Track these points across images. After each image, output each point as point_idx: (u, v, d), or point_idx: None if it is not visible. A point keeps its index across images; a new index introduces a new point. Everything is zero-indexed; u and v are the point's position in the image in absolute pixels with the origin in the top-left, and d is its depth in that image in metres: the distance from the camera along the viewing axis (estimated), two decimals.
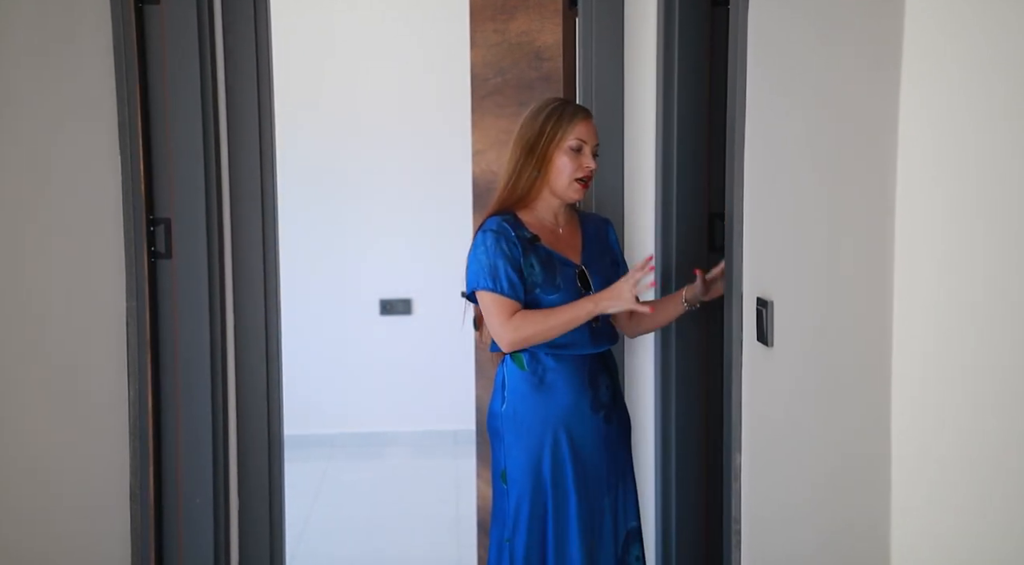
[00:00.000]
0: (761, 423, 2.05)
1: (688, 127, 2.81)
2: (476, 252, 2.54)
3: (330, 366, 5.72)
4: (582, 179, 2.57)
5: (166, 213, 2.78)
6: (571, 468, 2.58)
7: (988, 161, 1.35)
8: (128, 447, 2.21)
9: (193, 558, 2.86)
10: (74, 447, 2.10)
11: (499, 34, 3.45)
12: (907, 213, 1.36)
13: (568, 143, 2.55)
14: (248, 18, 2.91)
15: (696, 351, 2.86)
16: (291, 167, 5.35)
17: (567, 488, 2.58)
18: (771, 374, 1.97)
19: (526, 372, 2.59)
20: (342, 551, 4.22)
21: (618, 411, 2.70)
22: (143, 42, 2.72)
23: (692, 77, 2.80)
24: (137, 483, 2.19)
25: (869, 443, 1.47)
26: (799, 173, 1.78)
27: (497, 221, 2.55)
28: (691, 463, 2.89)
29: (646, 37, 2.93)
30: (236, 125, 2.92)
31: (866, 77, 1.46)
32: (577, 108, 2.60)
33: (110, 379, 2.21)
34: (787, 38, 1.85)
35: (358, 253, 5.66)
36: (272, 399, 3.02)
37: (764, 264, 2.01)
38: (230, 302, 2.94)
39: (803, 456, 1.80)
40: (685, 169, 2.82)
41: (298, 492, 4.87)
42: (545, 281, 2.53)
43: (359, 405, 5.75)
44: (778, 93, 1.90)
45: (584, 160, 2.56)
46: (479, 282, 2.53)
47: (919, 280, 1.38)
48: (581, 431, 2.60)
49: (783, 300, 1.89)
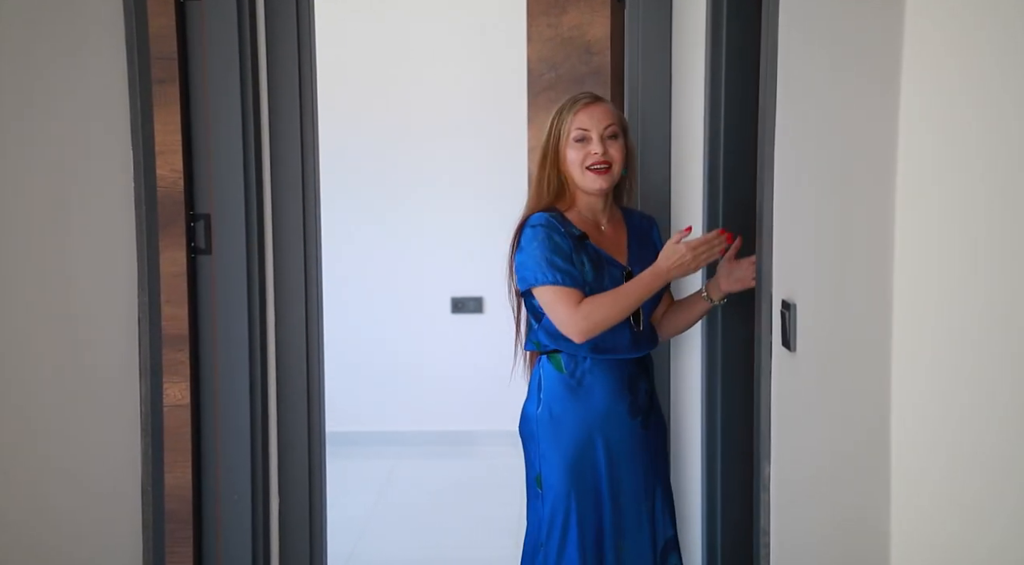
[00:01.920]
0: (787, 432, 1.95)
1: (737, 122, 2.71)
2: (528, 248, 2.46)
3: (401, 364, 5.71)
4: (593, 166, 2.48)
5: (206, 209, 2.79)
6: (607, 474, 2.50)
7: (991, 165, 1.26)
8: (139, 443, 2.21)
9: (232, 555, 2.86)
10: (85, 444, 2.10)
11: (552, 28, 3.39)
12: (909, 216, 1.29)
13: (571, 135, 2.49)
14: (291, 13, 2.90)
15: (743, 355, 2.76)
16: (360, 166, 5.38)
17: (603, 494, 2.50)
18: (794, 380, 1.87)
19: (563, 374, 2.51)
20: (401, 551, 4.20)
21: (655, 416, 2.61)
22: (184, 38, 2.74)
23: (741, 70, 2.70)
24: (148, 480, 2.19)
25: (877, 457, 1.38)
26: (817, 172, 1.70)
27: (544, 216, 2.48)
28: (737, 471, 2.79)
29: (695, 28, 2.84)
30: (278, 121, 2.91)
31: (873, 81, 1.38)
32: (580, 96, 2.53)
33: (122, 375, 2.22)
34: (811, 29, 1.76)
35: (428, 251, 5.64)
36: (313, 396, 3.01)
37: (790, 265, 1.91)
38: (271, 299, 2.93)
39: (822, 468, 1.70)
40: (732, 165, 2.73)
41: (362, 490, 4.88)
42: (594, 280, 2.46)
43: (429, 403, 5.73)
44: (802, 89, 1.81)
45: (590, 147, 2.48)
46: (536, 277, 2.44)
47: (926, 283, 1.30)
48: (618, 436, 2.51)
49: (805, 303, 1.79)
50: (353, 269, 5.54)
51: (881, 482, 1.36)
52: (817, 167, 1.69)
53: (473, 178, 5.51)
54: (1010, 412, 1.30)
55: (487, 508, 4.64)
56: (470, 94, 5.42)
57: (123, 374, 2.17)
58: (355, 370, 5.56)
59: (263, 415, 2.91)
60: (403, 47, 5.45)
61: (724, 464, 2.80)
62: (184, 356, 2.77)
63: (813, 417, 1.74)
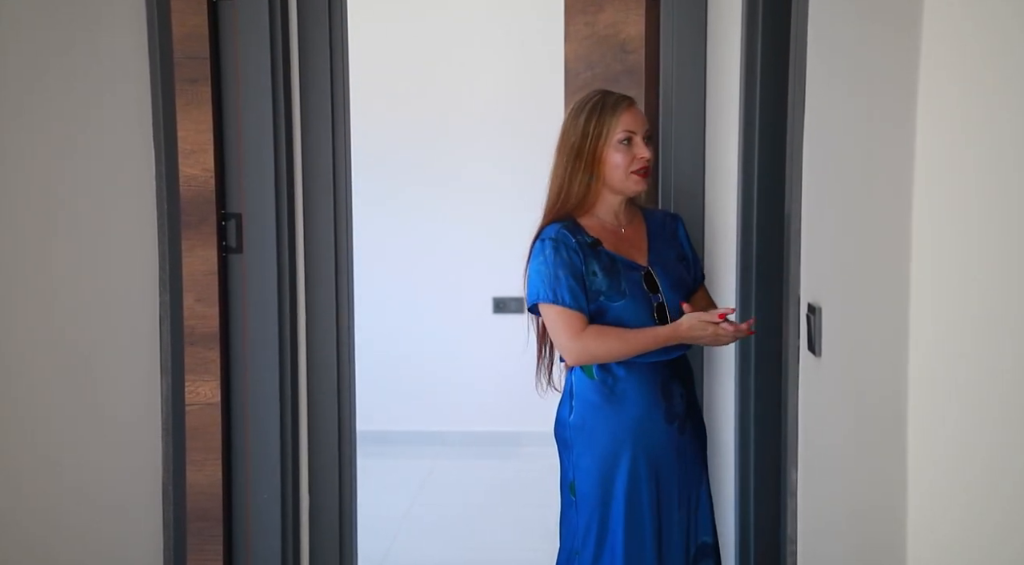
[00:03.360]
0: (814, 438, 1.90)
1: (772, 123, 2.66)
2: (535, 263, 2.44)
3: (442, 363, 5.71)
4: (639, 170, 2.44)
5: (237, 208, 2.80)
6: (645, 483, 2.44)
7: (1007, 170, 1.23)
8: (160, 443, 2.22)
9: (261, 553, 2.87)
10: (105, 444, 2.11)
11: (589, 27, 3.36)
12: (927, 217, 1.26)
13: (616, 137, 2.42)
14: (323, 13, 2.90)
15: (776, 359, 2.70)
16: (401, 167, 5.38)
17: (641, 504, 2.45)
18: (819, 385, 1.83)
19: (595, 381, 2.47)
20: (437, 551, 4.19)
21: (692, 421, 2.55)
22: (216, 38, 2.75)
23: (777, 69, 2.64)
24: (169, 479, 2.19)
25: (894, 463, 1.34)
26: (841, 177, 1.66)
27: (556, 228, 2.44)
28: (771, 476, 2.73)
29: (730, 26, 2.80)
30: (310, 121, 2.92)
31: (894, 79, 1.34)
32: (618, 98, 2.46)
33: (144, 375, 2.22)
34: (838, 25, 1.72)
35: (470, 251, 5.63)
36: (344, 396, 3.01)
37: (817, 269, 1.87)
38: (302, 297, 2.94)
39: (845, 474, 1.66)
40: (767, 166, 2.67)
41: (400, 489, 4.88)
42: (609, 288, 2.41)
43: (470, 404, 5.73)
44: (829, 89, 1.77)
45: (637, 150, 2.43)
46: (540, 294, 2.42)
47: (943, 287, 1.26)
48: (654, 443, 2.46)
49: (830, 307, 1.75)
50: (396, 269, 5.55)
51: (898, 489, 1.32)
52: (841, 173, 1.65)
53: (513, 177, 5.48)
54: None
55: (525, 510, 4.61)
56: (508, 93, 5.40)
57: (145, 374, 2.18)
58: (397, 369, 5.56)
59: (293, 414, 2.91)
60: (440, 46, 5.44)
61: (757, 470, 2.75)
62: (215, 355, 2.78)
63: (837, 422, 1.70)
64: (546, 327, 2.48)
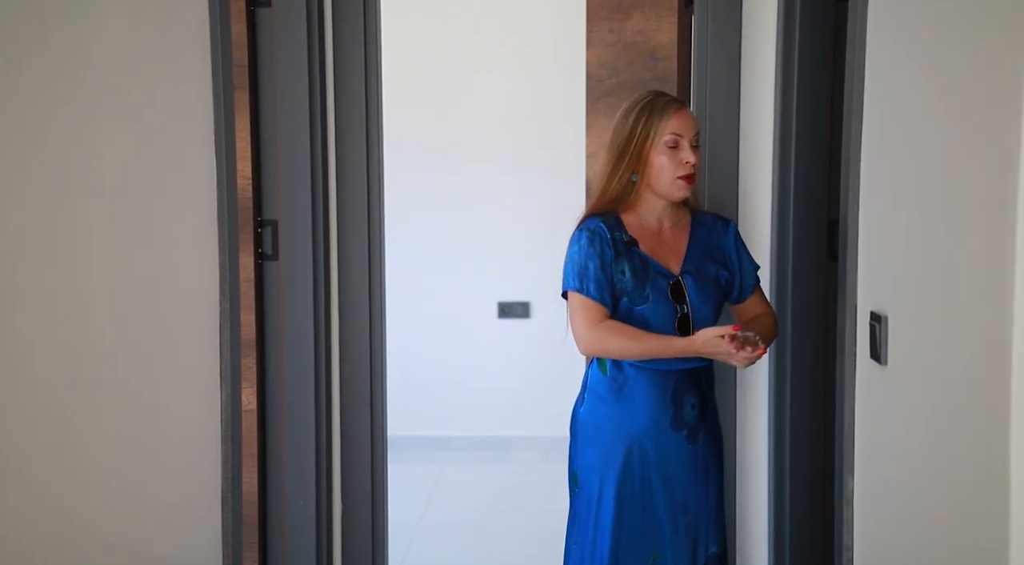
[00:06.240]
0: (875, 446, 1.91)
1: (807, 129, 2.68)
2: (571, 250, 2.46)
3: (448, 368, 5.71)
4: (684, 176, 2.43)
5: (273, 215, 2.79)
6: (639, 485, 2.46)
7: None
8: (219, 452, 2.21)
9: (297, 561, 2.86)
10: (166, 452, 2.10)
11: (614, 34, 3.37)
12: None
13: (663, 140, 2.41)
14: (358, 21, 2.90)
15: (813, 368, 2.72)
16: (409, 169, 5.37)
17: (637, 501, 2.46)
18: (885, 394, 1.84)
19: (606, 377, 2.49)
20: (450, 556, 4.19)
21: (706, 431, 2.53)
22: (254, 45, 2.74)
23: (813, 76, 2.67)
24: (228, 488, 2.18)
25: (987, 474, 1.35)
26: (918, 179, 1.66)
27: (596, 221, 2.45)
28: (806, 486, 2.75)
29: (765, 34, 2.81)
30: (344, 128, 2.91)
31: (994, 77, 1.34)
32: (669, 100, 2.44)
33: (203, 383, 2.22)
34: (909, 32, 1.73)
35: (476, 255, 5.64)
36: (376, 401, 3.00)
37: (880, 276, 1.88)
38: (335, 304, 2.93)
39: (918, 484, 1.67)
40: (803, 173, 2.69)
41: (412, 494, 4.87)
42: (634, 290, 2.41)
43: (476, 408, 5.72)
44: (899, 92, 1.78)
45: (683, 155, 2.41)
46: (569, 281, 2.44)
47: None
48: (659, 448, 2.46)
49: (899, 315, 1.76)
50: (402, 274, 5.53)
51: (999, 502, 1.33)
52: (919, 171, 1.65)
53: (522, 184, 5.50)
54: None
55: (533, 514, 4.62)
56: (519, 99, 5.41)
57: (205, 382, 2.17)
58: (403, 374, 5.55)
59: (327, 421, 2.90)
60: (451, 53, 5.45)
61: (793, 477, 2.76)
62: (252, 361, 2.77)
63: (910, 431, 1.71)
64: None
